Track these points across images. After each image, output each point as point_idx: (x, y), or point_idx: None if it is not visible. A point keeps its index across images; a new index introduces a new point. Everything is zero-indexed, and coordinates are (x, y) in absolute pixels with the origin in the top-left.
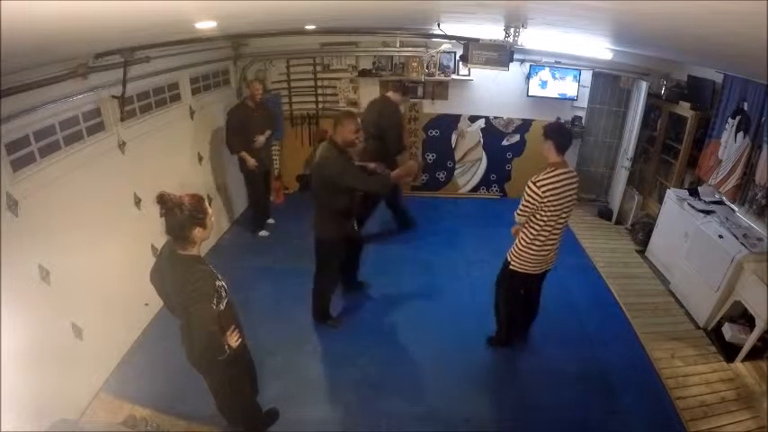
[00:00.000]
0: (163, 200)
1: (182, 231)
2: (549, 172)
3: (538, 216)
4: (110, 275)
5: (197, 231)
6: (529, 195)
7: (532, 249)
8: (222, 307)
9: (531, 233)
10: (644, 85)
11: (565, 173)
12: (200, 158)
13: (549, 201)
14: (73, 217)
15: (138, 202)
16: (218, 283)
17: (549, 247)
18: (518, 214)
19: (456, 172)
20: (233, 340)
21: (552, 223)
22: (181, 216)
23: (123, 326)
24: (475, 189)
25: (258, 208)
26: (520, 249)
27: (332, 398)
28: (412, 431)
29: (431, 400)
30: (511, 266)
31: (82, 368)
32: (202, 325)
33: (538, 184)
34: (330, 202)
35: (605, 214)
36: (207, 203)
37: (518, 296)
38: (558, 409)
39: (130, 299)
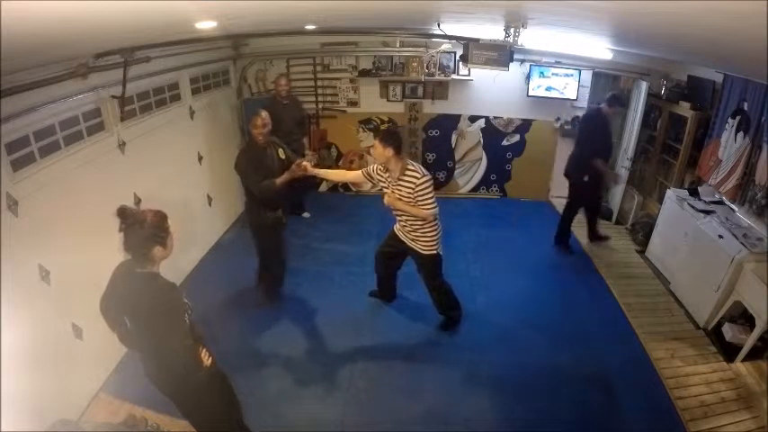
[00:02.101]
0: (124, 214)
1: (140, 249)
2: (413, 166)
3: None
4: (110, 275)
5: (157, 250)
6: (429, 188)
7: (437, 230)
8: (188, 323)
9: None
10: (644, 85)
11: None
12: (200, 158)
13: None
14: (73, 217)
15: (138, 202)
16: (183, 298)
17: None
18: (433, 207)
19: (456, 172)
20: (204, 359)
21: None
22: (141, 232)
23: None
24: (475, 189)
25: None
26: (431, 236)
27: (332, 398)
28: (412, 431)
29: (431, 400)
30: (436, 254)
31: (82, 368)
32: (177, 339)
33: (425, 176)
34: (251, 192)
35: (605, 214)
36: (169, 222)
37: (442, 276)
38: (558, 408)
39: None
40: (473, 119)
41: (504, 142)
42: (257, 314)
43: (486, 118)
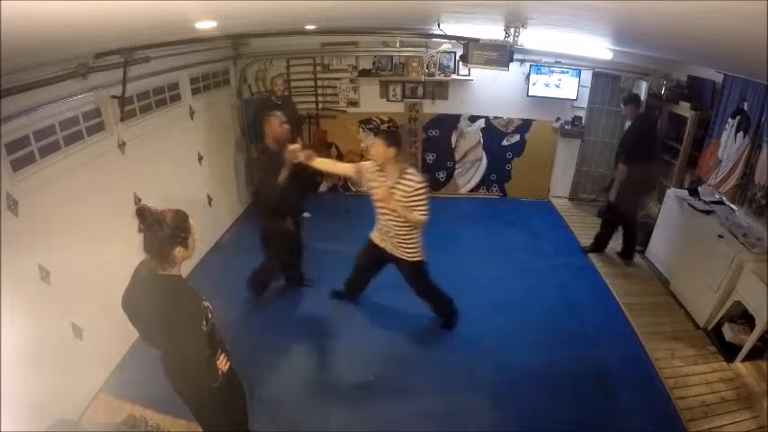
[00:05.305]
0: (143, 214)
1: (161, 250)
2: (412, 170)
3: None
4: (110, 275)
5: (178, 251)
6: (425, 195)
7: (421, 237)
8: (207, 329)
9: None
10: (644, 85)
11: None
12: (200, 158)
13: None
14: (73, 217)
15: (138, 201)
16: (203, 303)
17: None
18: (425, 214)
19: (456, 172)
20: (222, 364)
21: None
22: (161, 233)
23: (123, 326)
24: (475, 189)
25: None
26: (415, 242)
27: (332, 397)
28: (412, 431)
29: (431, 401)
30: (418, 260)
31: (82, 368)
32: (194, 350)
33: (423, 182)
34: (264, 199)
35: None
36: (191, 221)
37: (431, 280)
38: (558, 408)
39: None
40: (473, 119)
41: (504, 142)
42: (256, 315)
43: (486, 118)
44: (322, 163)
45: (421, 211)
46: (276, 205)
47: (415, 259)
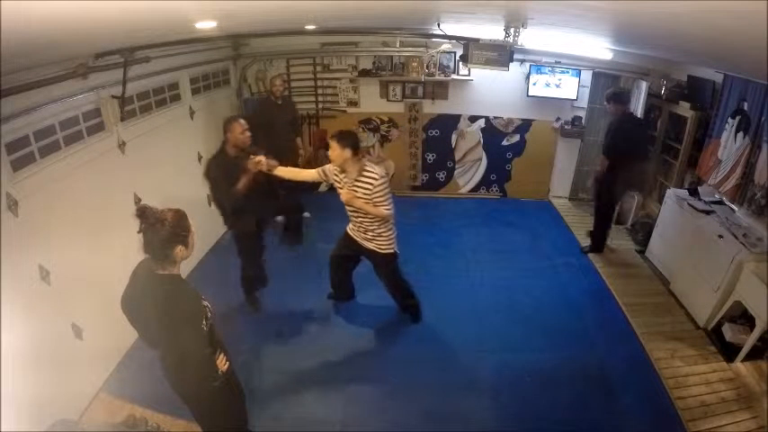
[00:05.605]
0: (144, 213)
1: (162, 250)
2: (371, 167)
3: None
4: (110, 275)
5: (179, 250)
6: (387, 189)
7: (393, 229)
8: (206, 328)
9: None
10: (644, 85)
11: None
12: (200, 158)
13: None
14: (73, 217)
15: (138, 201)
16: (203, 302)
17: None
18: (389, 209)
19: (456, 172)
20: (221, 364)
21: None
22: (162, 233)
23: (123, 326)
24: (475, 189)
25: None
26: (388, 235)
27: (332, 397)
28: (411, 431)
29: (430, 400)
30: (394, 252)
31: (82, 368)
32: (194, 349)
33: (383, 177)
34: (223, 200)
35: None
36: (189, 220)
37: (401, 274)
38: (558, 409)
39: None
40: (473, 119)
41: (504, 142)
42: (255, 314)
43: (486, 118)
44: (285, 171)
45: (385, 206)
46: (235, 209)
47: (386, 251)
